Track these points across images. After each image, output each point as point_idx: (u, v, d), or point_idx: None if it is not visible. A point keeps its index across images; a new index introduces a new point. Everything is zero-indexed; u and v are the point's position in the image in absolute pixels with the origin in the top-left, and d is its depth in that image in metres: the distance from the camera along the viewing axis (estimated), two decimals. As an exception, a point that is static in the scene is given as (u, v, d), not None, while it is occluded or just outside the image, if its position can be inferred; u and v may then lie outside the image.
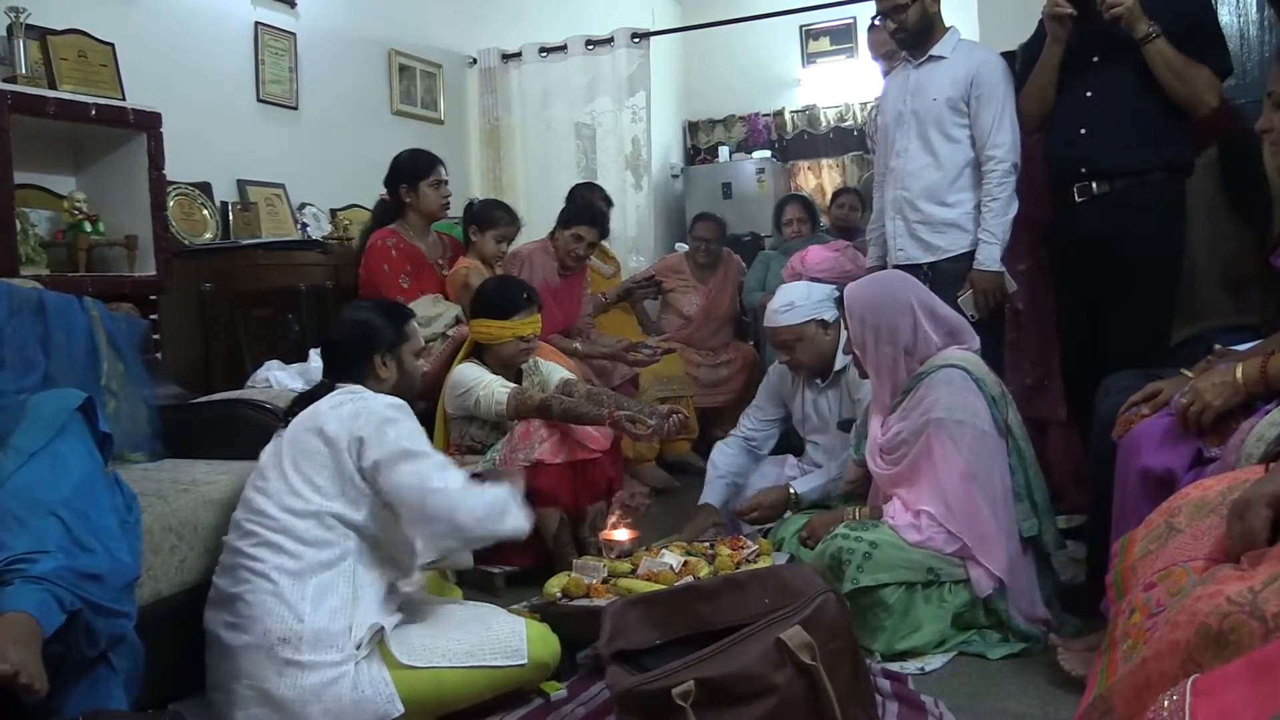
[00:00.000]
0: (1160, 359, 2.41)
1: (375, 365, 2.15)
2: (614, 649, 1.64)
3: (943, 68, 3.00)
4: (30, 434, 1.64)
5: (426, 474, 1.92)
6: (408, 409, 2.04)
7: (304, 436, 1.96)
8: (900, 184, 3.06)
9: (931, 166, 3.00)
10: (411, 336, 2.24)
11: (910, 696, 1.95)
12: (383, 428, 1.94)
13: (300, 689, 1.80)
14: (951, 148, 2.97)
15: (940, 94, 2.97)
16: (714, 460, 3.07)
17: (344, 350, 2.17)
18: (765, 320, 2.91)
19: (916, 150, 3.02)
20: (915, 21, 2.96)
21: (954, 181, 2.98)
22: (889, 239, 3.12)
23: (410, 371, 2.24)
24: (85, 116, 2.86)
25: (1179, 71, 2.49)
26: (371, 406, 1.98)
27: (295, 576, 1.85)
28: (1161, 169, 2.61)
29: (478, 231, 3.60)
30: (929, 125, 2.99)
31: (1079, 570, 2.54)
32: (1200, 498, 1.22)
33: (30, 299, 2.25)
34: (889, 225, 3.12)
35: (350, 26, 4.44)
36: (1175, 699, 0.79)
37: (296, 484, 1.92)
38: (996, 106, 2.89)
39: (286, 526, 1.89)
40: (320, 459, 1.93)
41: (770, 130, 7.11)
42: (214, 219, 3.64)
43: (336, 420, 1.95)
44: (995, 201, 2.88)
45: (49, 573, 1.45)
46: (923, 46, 3.03)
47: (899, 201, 3.06)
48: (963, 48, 3.02)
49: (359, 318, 2.21)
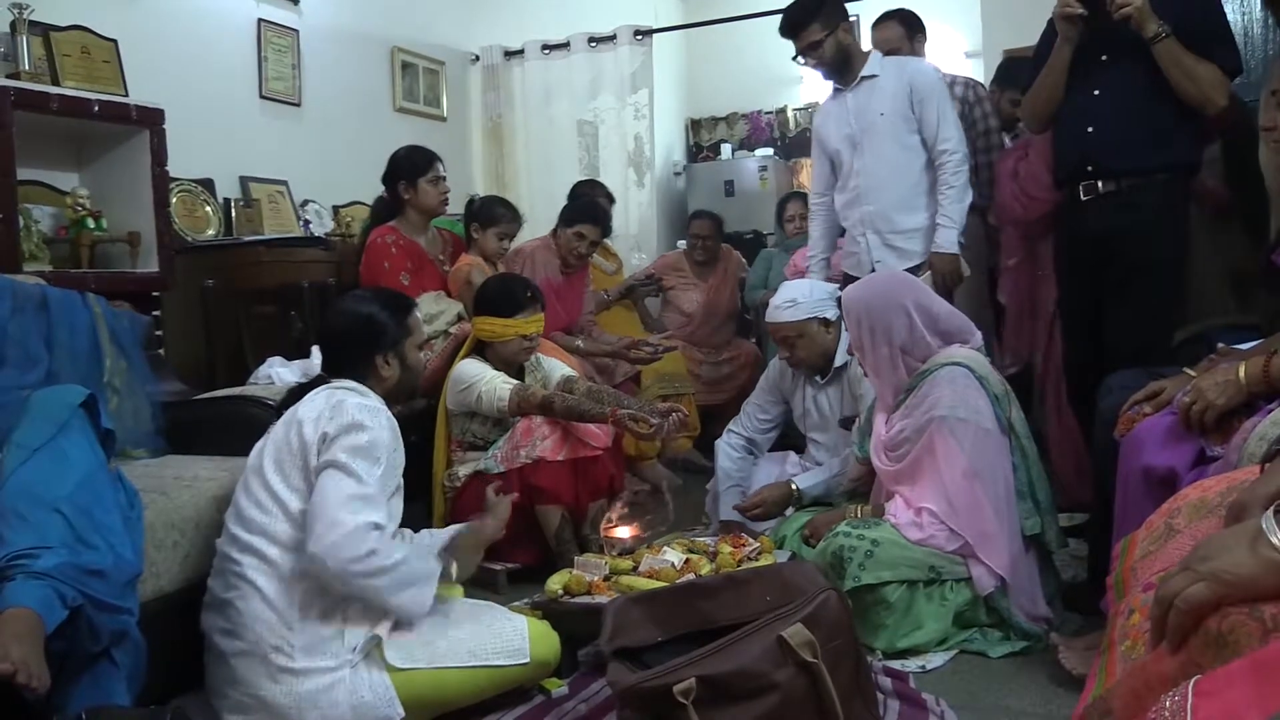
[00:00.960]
0: (1162, 358, 2.40)
1: (377, 364, 2.09)
2: (615, 646, 1.64)
3: (878, 85, 3.19)
4: (33, 430, 1.64)
5: (343, 500, 1.80)
6: (383, 421, 1.94)
7: (285, 435, 1.93)
8: (867, 201, 3.22)
9: (895, 178, 3.18)
10: (415, 330, 2.18)
11: (912, 694, 1.95)
12: (344, 432, 1.86)
13: (296, 696, 1.79)
14: (908, 155, 3.17)
15: (885, 108, 3.16)
16: (724, 468, 3.06)
17: (345, 346, 2.11)
18: (767, 316, 2.93)
19: (876, 166, 3.20)
20: (832, 55, 3.16)
21: (917, 185, 3.18)
22: (863, 254, 3.25)
23: (413, 367, 2.17)
24: (88, 113, 2.86)
25: (1189, 71, 2.48)
26: (346, 407, 1.90)
27: (281, 581, 1.84)
28: (1167, 169, 2.61)
29: (479, 229, 3.60)
30: (883, 139, 3.18)
31: (1080, 568, 2.54)
32: (1199, 499, 1.21)
33: (33, 295, 2.25)
34: (862, 241, 3.26)
35: (353, 23, 4.44)
36: (1177, 699, 0.79)
37: (275, 485, 1.89)
38: (936, 106, 3.12)
39: (266, 530, 1.86)
40: (297, 459, 1.89)
41: (773, 128, 7.10)
42: (216, 216, 3.65)
43: (313, 419, 1.90)
44: (951, 189, 3.10)
45: (51, 569, 1.45)
46: (849, 73, 3.22)
47: (869, 218, 3.23)
48: (889, 63, 3.23)
49: (361, 311, 2.11)
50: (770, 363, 3.19)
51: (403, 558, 1.84)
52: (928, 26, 3.77)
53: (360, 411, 1.90)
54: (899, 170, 3.17)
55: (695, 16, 6.58)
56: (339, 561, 1.77)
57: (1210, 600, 0.87)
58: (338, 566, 1.77)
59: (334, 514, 1.78)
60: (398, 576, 1.82)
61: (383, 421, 1.94)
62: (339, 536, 1.77)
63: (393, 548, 1.84)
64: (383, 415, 1.96)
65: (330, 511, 1.79)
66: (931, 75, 3.19)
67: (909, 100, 3.13)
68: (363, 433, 1.87)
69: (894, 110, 3.15)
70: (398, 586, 1.83)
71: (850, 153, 3.25)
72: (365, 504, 1.82)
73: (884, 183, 3.18)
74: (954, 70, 4.25)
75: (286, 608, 1.83)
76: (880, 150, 3.17)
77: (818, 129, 3.40)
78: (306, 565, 1.82)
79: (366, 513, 1.81)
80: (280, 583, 1.84)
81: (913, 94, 3.13)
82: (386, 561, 1.80)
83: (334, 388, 2.01)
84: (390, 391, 2.13)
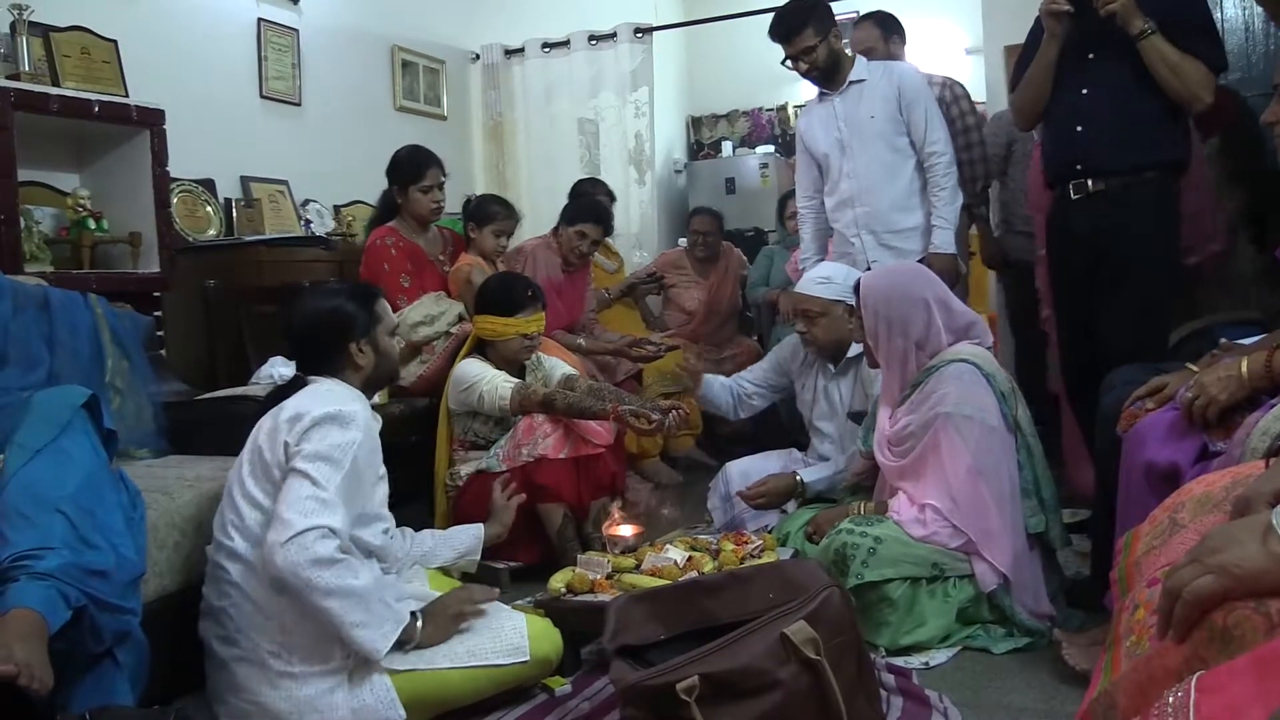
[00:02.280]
0: (1156, 356, 2.40)
1: (351, 354, 2.06)
2: (618, 644, 1.64)
3: (866, 89, 3.24)
4: (35, 431, 1.64)
5: (297, 501, 1.75)
6: (353, 419, 1.90)
7: (259, 439, 1.91)
8: (860, 203, 3.25)
9: (888, 180, 3.22)
10: (384, 316, 2.15)
11: (915, 691, 1.94)
12: (305, 439, 1.84)
13: (296, 701, 1.79)
14: (898, 157, 3.22)
15: (874, 111, 3.21)
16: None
17: (315, 341, 2.08)
18: (797, 286, 2.97)
19: (868, 168, 3.24)
20: (825, 59, 3.19)
21: (909, 186, 3.23)
22: (858, 254, 3.27)
23: (387, 353, 2.14)
24: (88, 113, 2.87)
25: (1175, 67, 2.48)
26: (313, 410, 1.87)
27: (270, 587, 1.82)
28: (1157, 167, 2.60)
29: (475, 228, 3.60)
30: (875, 142, 3.22)
31: (1083, 564, 2.54)
32: (1204, 493, 1.21)
33: (35, 296, 2.26)
34: (856, 242, 3.28)
35: (353, 22, 4.44)
36: (1180, 695, 0.79)
37: (252, 490, 1.87)
38: (923, 108, 3.19)
39: (251, 536, 1.85)
40: (270, 465, 1.86)
41: (773, 125, 7.09)
42: (217, 216, 3.65)
43: (284, 422, 1.87)
44: (944, 191, 3.17)
45: (54, 569, 1.45)
46: (838, 77, 3.26)
47: (864, 219, 3.26)
48: (876, 68, 3.28)
49: (327, 305, 2.08)
50: (784, 340, 3.18)
51: (362, 588, 1.76)
52: (928, 23, 3.80)
53: (323, 414, 1.86)
54: (891, 172, 3.22)
55: (696, 14, 6.57)
56: (288, 563, 1.71)
57: (1218, 593, 0.87)
58: (286, 565, 1.71)
59: (285, 515, 1.75)
60: (352, 603, 1.74)
61: (352, 420, 1.90)
62: (286, 536, 1.72)
63: (352, 566, 1.77)
64: (352, 412, 1.91)
65: (283, 513, 1.76)
66: (918, 79, 3.26)
67: (897, 103, 3.19)
68: (326, 435, 1.84)
69: (883, 114, 3.20)
70: (350, 610, 1.74)
71: (839, 156, 3.28)
72: (321, 506, 1.77)
73: (877, 185, 3.22)
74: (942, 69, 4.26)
75: (278, 613, 1.82)
76: (872, 153, 3.22)
77: (804, 133, 3.43)
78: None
79: (321, 515, 1.76)
80: (266, 588, 1.82)
81: (901, 97, 3.19)
82: (337, 582, 1.72)
83: (309, 389, 1.99)
84: (368, 379, 2.11)
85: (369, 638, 1.76)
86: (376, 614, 1.78)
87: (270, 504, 1.83)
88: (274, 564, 1.72)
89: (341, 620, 1.74)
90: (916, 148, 3.22)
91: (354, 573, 1.77)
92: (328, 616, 1.74)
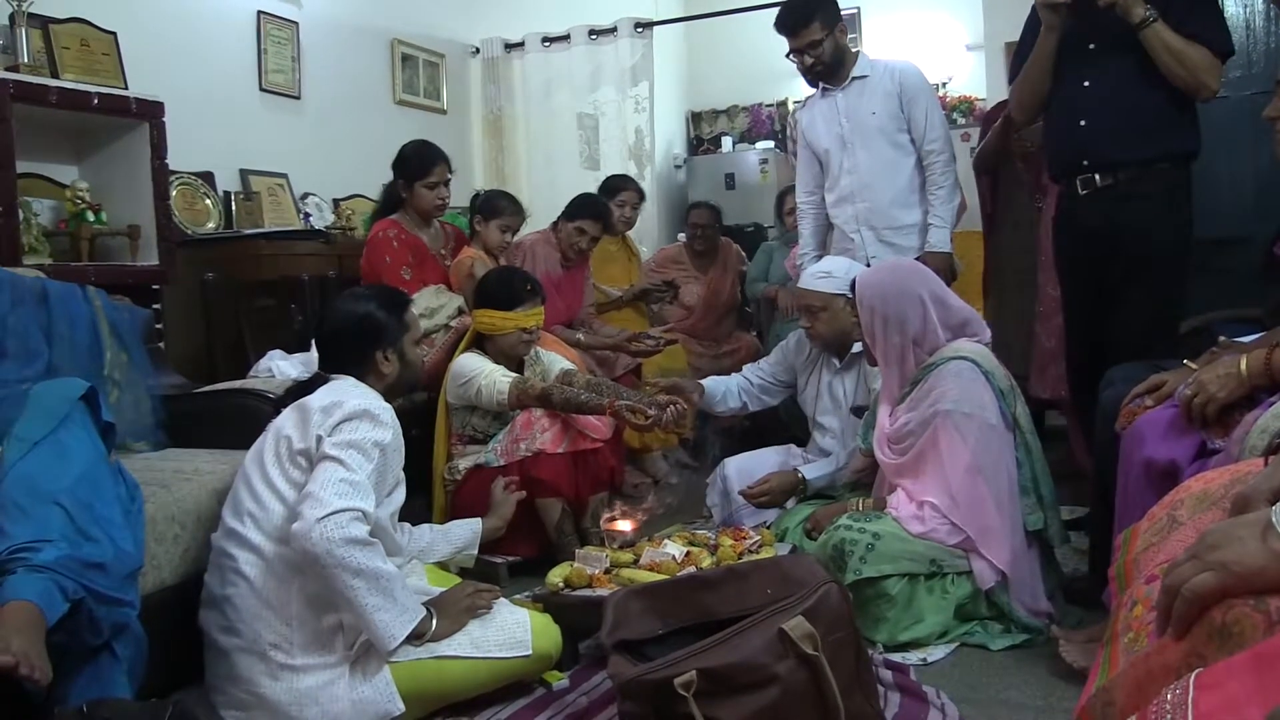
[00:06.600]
0: (1166, 351, 2.38)
1: (378, 361, 2.11)
2: (616, 639, 1.65)
3: (869, 85, 3.25)
4: (33, 423, 1.64)
5: (331, 483, 1.79)
6: (384, 418, 1.95)
7: (286, 430, 1.93)
8: (860, 199, 3.27)
9: (888, 176, 3.24)
10: (412, 325, 2.21)
11: (912, 687, 1.95)
12: (340, 428, 1.88)
13: (296, 692, 1.79)
14: (899, 154, 3.23)
15: (876, 107, 3.22)
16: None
17: (344, 344, 2.12)
18: (799, 281, 2.97)
19: (869, 164, 3.25)
20: (831, 53, 3.21)
21: (910, 182, 3.24)
22: (857, 250, 3.27)
23: (412, 363, 2.20)
24: (87, 106, 2.86)
25: (1178, 55, 2.40)
26: (344, 405, 1.91)
27: (276, 577, 1.84)
28: (1165, 159, 2.55)
29: (482, 221, 3.61)
30: (875, 138, 3.23)
31: (1082, 561, 2.54)
32: (1203, 490, 1.21)
33: (33, 288, 2.25)
34: (856, 238, 3.29)
35: (353, 16, 4.43)
36: (1178, 692, 0.78)
37: (275, 479, 1.89)
38: (924, 106, 3.21)
39: (263, 524, 1.86)
40: (298, 453, 1.89)
41: (773, 120, 7.08)
42: (216, 209, 3.64)
43: (318, 411, 1.91)
44: (941, 189, 3.18)
45: (52, 562, 1.45)
46: (841, 73, 3.27)
47: (863, 214, 3.28)
48: (878, 65, 3.29)
49: (359, 311, 2.13)
50: (789, 335, 3.18)
51: (390, 572, 1.80)
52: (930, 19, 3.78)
53: (358, 408, 1.91)
54: (892, 168, 3.23)
55: (695, 9, 6.56)
56: (323, 539, 1.73)
57: (1217, 590, 0.87)
58: (320, 541, 1.73)
59: (320, 494, 1.78)
60: (378, 586, 1.77)
61: (384, 419, 1.95)
62: (322, 513, 1.75)
63: (381, 551, 1.82)
64: (384, 412, 1.97)
65: (317, 492, 1.79)
66: (919, 76, 3.27)
67: (899, 100, 3.20)
68: (358, 429, 1.89)
69: (885, 110, 3.21)
70: (374, 593, 1.77)
71: (841, 152, 3.29)
72: (354, 490, 1.81)
73: (878, 181, 3.24)
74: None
75: (283, 604, 1.83)
76: (873, 149, 3.23)
77: (805, 129, 3.43)
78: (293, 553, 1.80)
79: (353, 498, 1.80)
80: (275, 578, 1.84)
81: (902, 94, 3.20)
82: (367, 563, 1.76)
83: (337, 385, 2.02)
84: (390, 387, 2.15)
85: (386, 622, 1.78)
86: (399, 601, 1.81)
87: (295, 494, 1.86)
88: (308, 539, 1.74)
89: (365, 602, 1.76)
90: (916, 145, 3.23)
91: (382, 558, 1.81)
92: (351, 595, 1.76)
